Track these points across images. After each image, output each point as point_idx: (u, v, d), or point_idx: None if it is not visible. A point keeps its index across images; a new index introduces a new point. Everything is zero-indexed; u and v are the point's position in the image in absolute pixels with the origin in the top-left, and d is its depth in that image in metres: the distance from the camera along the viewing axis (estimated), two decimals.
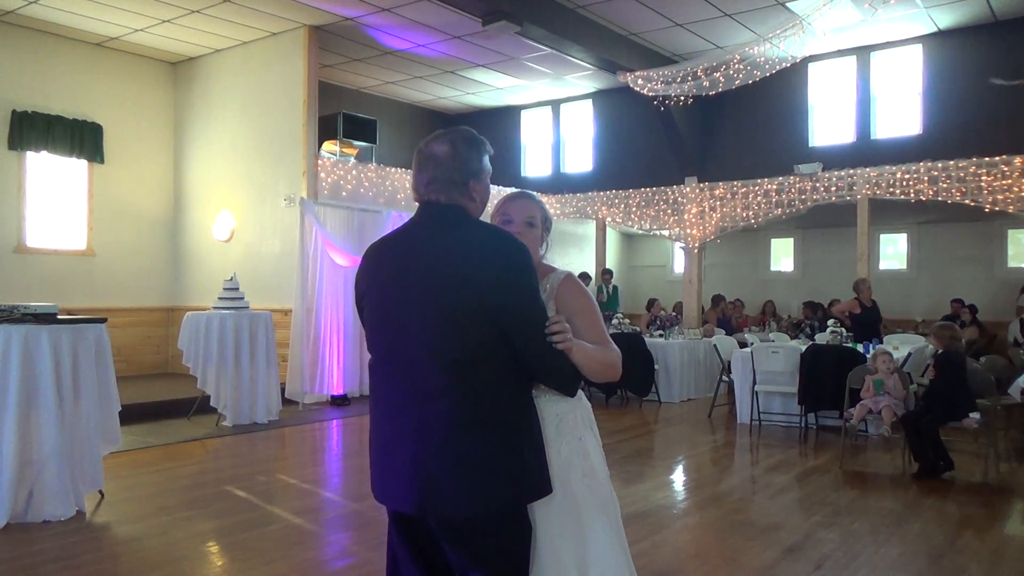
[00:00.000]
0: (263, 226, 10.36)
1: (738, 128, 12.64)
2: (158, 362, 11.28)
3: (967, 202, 9.87)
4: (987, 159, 9.75)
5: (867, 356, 7.17)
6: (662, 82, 10.78)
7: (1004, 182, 9.63)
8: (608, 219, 13.19)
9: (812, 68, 11.92)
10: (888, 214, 11.48)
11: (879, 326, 9.42)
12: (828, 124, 12.10)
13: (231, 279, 8.27)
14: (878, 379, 6.45)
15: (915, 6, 9.91)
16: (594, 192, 13.26)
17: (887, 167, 10.42)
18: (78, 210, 10.63)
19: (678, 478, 6.35)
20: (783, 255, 14.69)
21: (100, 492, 5.11)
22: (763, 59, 9.81)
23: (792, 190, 11.17)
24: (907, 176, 10.24)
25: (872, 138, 11.59)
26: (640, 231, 13.44)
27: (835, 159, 11.24)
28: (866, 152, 11.25)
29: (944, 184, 9.98)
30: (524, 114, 14.93)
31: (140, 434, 7.29)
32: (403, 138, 13.73)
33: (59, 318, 4.80)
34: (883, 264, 13.43)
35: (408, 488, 2.03)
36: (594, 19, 10.34)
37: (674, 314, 12.10)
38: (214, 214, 10.97)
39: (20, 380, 4.48)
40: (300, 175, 9.92)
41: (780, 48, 9.60)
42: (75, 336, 4.76)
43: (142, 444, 6.95)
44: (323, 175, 10.08)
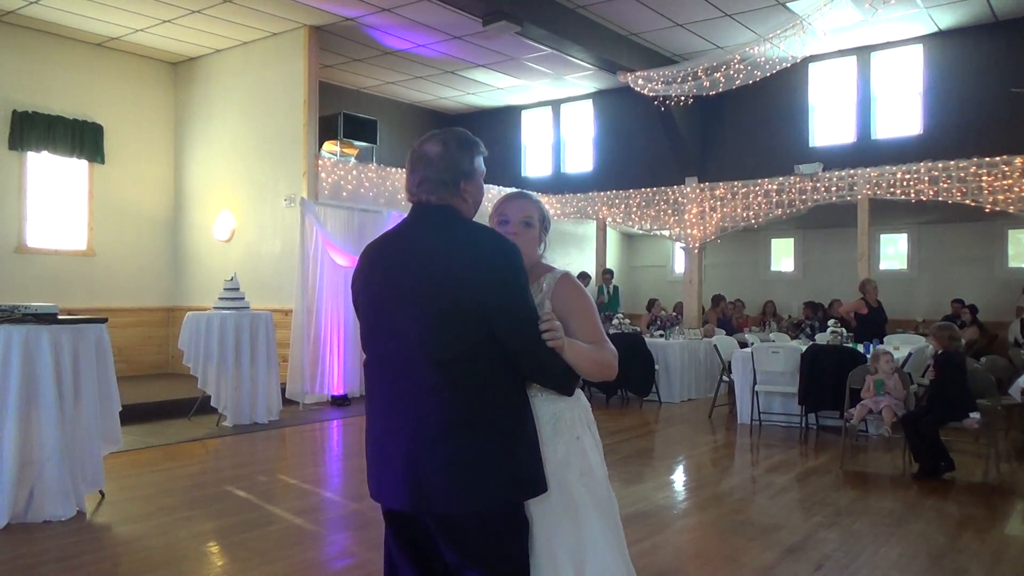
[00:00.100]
0: (263, 226, 10.36)
1: (738, 128, 12.64)
2: (158, 362, 11.28)
3: (967, 202, 9.87)
4: (987, 159, 9.75)
5: (867, 356, 7.16)
6: (662, 82, 10.78)
7: (1004, 182, 9.62)
8: (608, 219, 13.19)
9: (812, 68, 11.93)
10: (888, 214, 11.47)
11: (885, 326, 9.43)
12: (828, 124, 12.11)
13: (231, 279, 8.27)
14: (878, 379, 6.45)
15: (915, 6, 9.91)
16: (594, 192, 13.26)
17: (887, 167, 10.42)
18: (78, 210, 10.64)
19: (678, 478, 6.35)
20: (783, 255, 14.69)
21: (101, 492, 5.12)
22: (763, 59, 9.81)
23: (792, 190, 11.17)
24: (907, 176, 10.23)
25: (872, 138, 11.59)
26: (640, 231, 13.44)
27: (835, 159, 11.24)
28: (866, 152, 11.26)
29: (944, 184, 9.97)
30: (524, 114, 14.93)
31: (140, 434, 7.29)
32: (403, 138, 13.72)
33: (60, 318, 4.80)
34: (883, 264, 13.42)
35: (401, 486, 2.04)
36: (594, 19, 10.35)
37: (674, 314, 12.10)
38: (215, 214, 10.97)
39: (21, 380, 4.48)
40: (300, 175, 9.92)
41: (780, 48, 9.61)
42: (76, 336, 4.76)
43: (142, 444, 6.95)
44: (323, 175, 10.09)
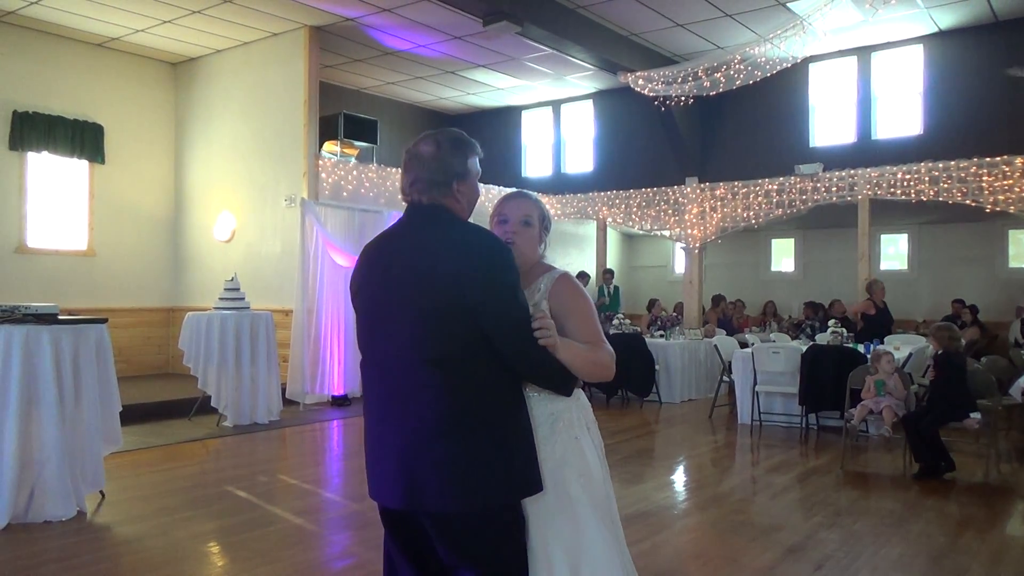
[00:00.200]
0: (264, 226, 10.36)
1: (739, 128, 12.64)
2: (159, 362, 11.28)
3: (968, 202, 9.87)
4: (988, 159, 9.75)
5: (868, 357, 7.16)
6: (663, 82, 10.78)
7: (1005, 182, 9.62)
8: (609, 219, 13.19)
9: (813, 68, 11.92)
10: (889, 214, 11.47)
11: (891, 327, 9.47)
12: (829, 124, 12.10)
13: (232, 279, 8.28)
14: (879, 379, 6.45)
15: (916, 6, 9.91)
16: (595, 192, 13.26)
17: (888, 167, 10.42)
18: (79, 210, 10.64)
19: (679, 478, 6.35)
20: (784, 255, 14.69)
21: (101, 492, 5.12)
22: (764, 59, 9.81)
23: (793, 190, 11.17)
24: (908, 176, 10.23)
25: (873, 138, 11.59)
26: (641, 231, 13.44)
27: (836, 159, 11.23)
28: (867, 152, 11.25)
29: (945, 184, 9.97)
30: (525, 114, 14.93)
31: (141, 434, 7.29)
32: (404, 138, 13.66)
33: (60, 318, 4.80)
34: (884, 264, 13.42)
35: (396, 485, 2.04)
36: (595, 19, 10.34)
37: (675, 314, 12.10)
38: (215, 214, 10.97)
39: (21, 380, 4.49)
40: (301, 175, 9.93)
41: (781, 48, 9.60)
42: (76, 336, 4.76)
43: (143, 444, 6.95)
44: (324, 175, 10.09)
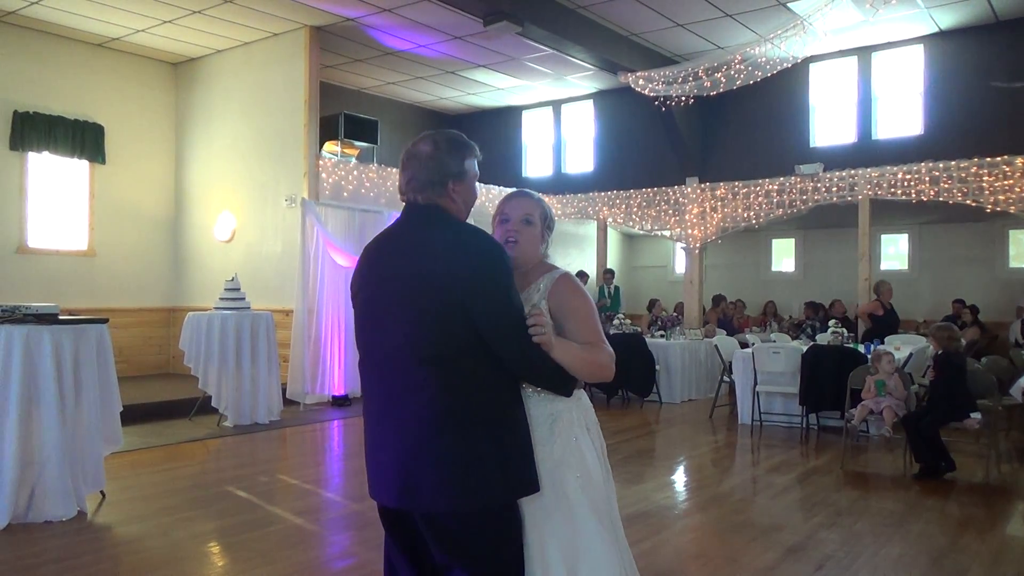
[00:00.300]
0: (264, 226, 10.36)
1: (739, 128, 12.63)
2: (159, 362, 11.29)
3: (968, 202, 9.86)
4: (988, 159, 9.74)
5: (868, 357, 7.16)
6: (663, 82, 10.78)
7: (1005, 182, 9.62)
8: (609, 219, 13.19)
9: (813, 68, 11.92)
10: (889, 214, 11.47)
11: (898, 328, 9.53)
12: (829, 124, 12.10)
13: (232, 279, 8.27)
14: (879, 379, 6.45)
15: (916, 6, 9.91)
16: (595, 192, 13.26)
17: (888, 167, 10.41)
18: (79, 211, 10.64)
19: (679, 479, 6.35)
20: (784, 255, 14.69)
21: (101, 492, 5.12)
22: (764, 59, 9.81)
23: (793, 190, 11.16)
24: (908, 176, 10.23)
25: (873, 138, 11.58)
26: (641, 231, 13.43)
27: (836, 159, 11.23)
28: (867, 152, 11.25)
29: (945, 184, 9.97)
30: (525, 114, 14.93)
31: (141, 434, 7.30)
32: (404, 138, 13.58)
33: (60, 318, 4.80)
34: (884, 264, 13.41)
35: (392, 483, 2.05)
36: (595, 19, 10.34)
37: (675, 314, 12.10)
38: (215, 214, 10.98)
39: (21, 380, 4.49)
40: (301, 175, 9.93)
41: (781, 48, 9.60)
42: (76, 336, 4.76)
43: (143, 444, 6.95)
44: (324, 175, 10.09)
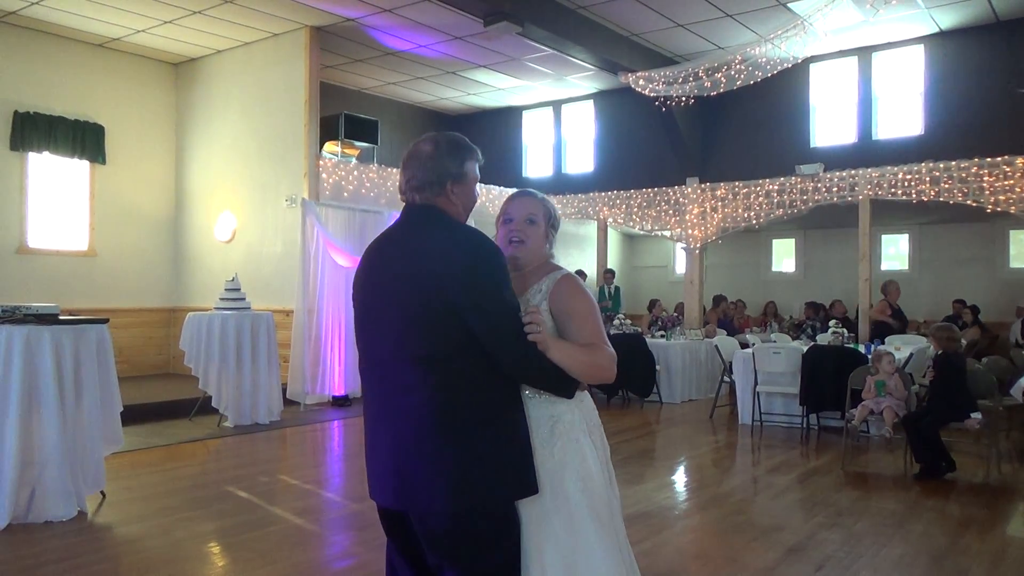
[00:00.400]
0: (265, 227, 10.37)
1: (739, 129, 12.63)
2: (160, 363, 11.29)
3: (969, 203, 9.85)
4: (989, 160, 9.73)
5: (868, 357, 7.16)
6: (663, 83, 10.77)
7: (1006, 183, 9.61)
8: (609, 220, 13.18)
9: (814, 68, 11.91)
10: (890, 215, 11.46)
11: (906, 328, 9.63)
12: (829, 124, 12.09)
13: (233, 280, 8.27)
14: (879, 380, 6.45)
15: (916, 6, 9.90)
16: (595, 193, 13.25)
17: (889, 168, 10.40)
18: (80, 211, 10.64)
19: (679, 479, 6.35)
20: (785, 256, 14.69)
21: (102, 493, 5.12)
22: (764, 59, 9.80)
23: (793, 191, 11.16)
24: (909, 177, 10.22)
25: (874, 138, 11.58)
26: (641, 232, 13.43)
27: (836, 159, 11.23)
28: (868, 152, 11.24)
29: (946, 185, 9.96)
30: (525, 115, 14.93)
31: (142, 435, 7.30)
32: (404, 139, 13.70)
33: (61, 319, 4.81)
34: (885, 265, 13.41)
35: (388, 484, 2.05)
36: (595, 20, 10.34)
37: (675, 315, 12.09)
38: (216, 215, 10.98)
39: (22, 381, 4.49)
40: (302, 176, 9.93)
41: (781, 49, 9.60)
42: (77, 337, 4.76)
43: (144, 445, 6.95)
44: (324, 176, 10.09)
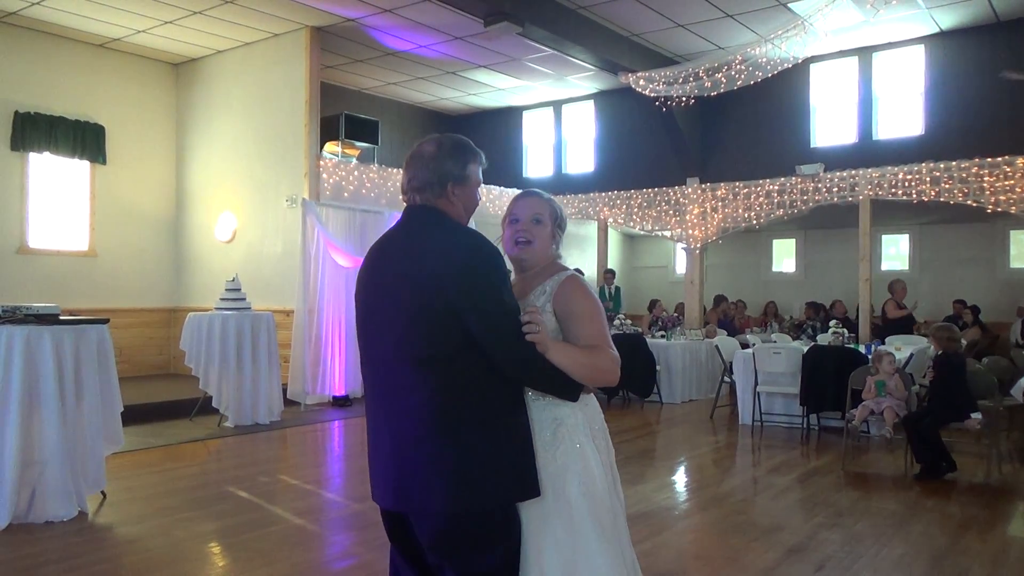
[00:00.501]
0: (265, 227, 10.36)
1: (740, 129, 12.63)
2: (160, 363, 11.29)
3: (969, 203, 9.85)
4: (989, 160, 9.73)
5: (868, 357, 7.16)
6: (664, 83, 10.77)
7: (1006, 183, 9.61)
8: (610, 220, 13.18)
9: (814, 69, 11.91)
10: (890, 215, 11.46)
11: (913, 327, 9.91)
12: (830, 125, 12.09)
13: (233, 280, 8.28)
14: (880, 380, 6.45)
15: (917, 7, 9.90)
16: (596, 193, 13.25)
17: (889, 168, 10.41)
18: (80, 211, 10.64)
19: (680, 479, 6.35)
20: (785, 256, 14.69)
21: (102, 493, 5.12)
22: (765, 60, 9.80)
23: (794, 191, 11.16)
24: (909, 177, 10.22)
25: (874, 139, 11.57)
26: (642, 232, 13.43)
27: (837, 160, 11.22)
28: (868, 153, 11.24)
29: (946, 185, 9.96)
30: (526, 115, 14.92)
31: (142, 435, 7.30)
32: (405, 139, 13.72)
33: (61, 319, 4.81)
34: (885, 265, 13.41)
35: (387, 485, 2.05)
36: (596, 20, 10.34)
37: (676, 315, 12.10)
38: (216, 215, 10.98)
39: (22, 381, 4.49)
40: (302, 176, 9.93)
41: (782, 49, 9.59)
42: (77, 337, 4.77)
43: (144, 445, 6.95)
44: (325, 176, 10.09)
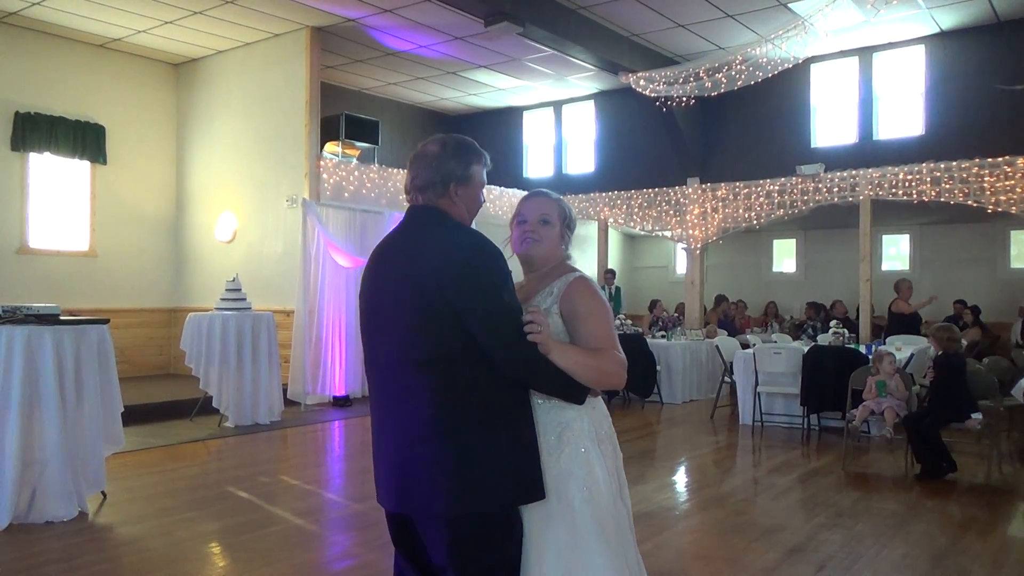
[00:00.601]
0: (265, 227, 10.37)
1: (740, 129, 12.62)
2: (160, 363, 11.29)
3: (970, 203, 9.85)
4: (989, 160, 9.73)
5: (869, 357, 7.16)
6: (664, 83, 10.77)
7: (1007, 183, 9.61)
8: (610, 220, 13.18)
9: (814, 69, 11.91)
10: (890, 215, 11.46)
11: (920, 326, 9.95)
12: (830, 125, 12.08)
13: (233, 280, 8.28)
14: (880, 380, 6.45)
15: (917, 7, 9.90)
16: (596, 193, 13.25)
17: (889, 168, 10.40)
18: (80, 211, 10.64)
19: (680, 479, 6.35)
20: (785, 256, 14.68)
21: (102, 493, 5.12)
22: (765, 60, 9.80)
23: (794, 191, 11.16)
24: (909, 177, 10.22)
25: (874, 139, 11.57)
26: (642, 232, 13.43)
27: (837, 160, 11.22)
28: (868, 153, 11.24)
29: (947, 185, 9.96)
30: (526, 115, 14.92)
31: (142, 435, 7.30)
32: (405, 139, 13.73)
33: (62, 319, 4.81)
34: (885, 265, 13.41)
35: (390, 487, 2.05)
36: (596, 20, 10.34)
37: (676, 315, 12.10)
38: (216, 215, 10.98)
39: (23, 381, 4.49)
40: (302, 176, 9.93)
41: (782, 49, 9.59)
42: (78, 337, 4.77)
43: (144, 445, 6.95)
44: (325, 176, 10.09)
